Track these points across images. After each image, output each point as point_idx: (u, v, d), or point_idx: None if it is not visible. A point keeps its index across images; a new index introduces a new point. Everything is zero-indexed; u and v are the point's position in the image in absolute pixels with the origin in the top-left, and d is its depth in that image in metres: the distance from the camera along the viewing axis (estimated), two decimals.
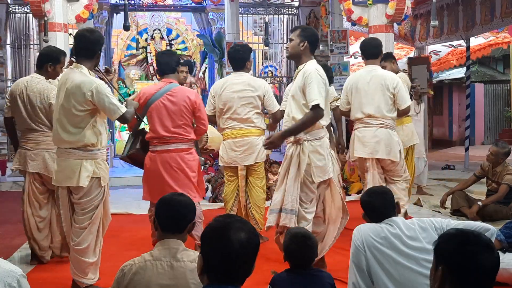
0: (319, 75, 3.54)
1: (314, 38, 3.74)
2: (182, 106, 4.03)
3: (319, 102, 3.48)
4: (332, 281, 2.62)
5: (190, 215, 2.27)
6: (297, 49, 3.70)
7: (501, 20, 8.10)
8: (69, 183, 3.46)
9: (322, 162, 3.65)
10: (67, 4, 6.29)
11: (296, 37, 3.69)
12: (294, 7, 11.51)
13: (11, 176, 9.37)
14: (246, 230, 1.66)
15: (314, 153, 3.64)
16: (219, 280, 1.63)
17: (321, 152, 3.65)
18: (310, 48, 3.71)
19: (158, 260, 2.17)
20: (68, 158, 3.47)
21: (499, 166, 5.54)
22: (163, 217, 2.25)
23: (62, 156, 3.51)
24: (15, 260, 4.48)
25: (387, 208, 2.74)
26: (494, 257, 1.53)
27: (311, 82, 3.51)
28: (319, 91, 3.50)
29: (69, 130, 3.43)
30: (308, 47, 3.69)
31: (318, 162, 3.63)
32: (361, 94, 4.57)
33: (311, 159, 3.63)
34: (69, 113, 3.42)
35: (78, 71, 3.45)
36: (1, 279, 1.76)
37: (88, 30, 3.63)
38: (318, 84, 3.51)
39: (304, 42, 3.68)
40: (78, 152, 3.45)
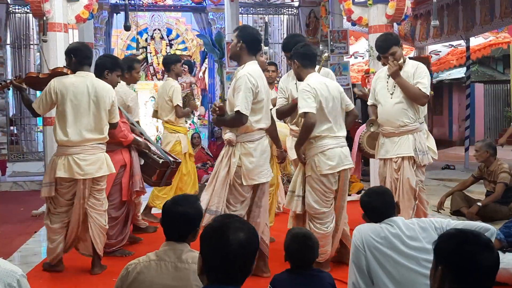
0: (248, 81, 3.54)
1: (250, 38, 3.72)
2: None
3: (239, 109, 3.51)
4: (332, 281, 2.62)
5: (189, 226, 2.26)
6: (234, 49, 3.75)
7: (501, 20, 8.10)
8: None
9: (254, 165, 3.62)
10: (67, 4, 6.28)
11: (234, 37, 3.74)
12: (294, 7, 11.50)
13: (11, 176, 9.37)
14: (245, 230, 1.66)
15: (246, 155, 3.63)
16: (218, 280, 1.63)
17: (254, 154, 3.63)
18: (248, 48, 3.70)
19: (163, 261, 2.17)
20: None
21: (492, 165, 5.54)
22: (166, 227, 2.28)
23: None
24: (15, 260, 4.48)
25: (387, 208, 2.74)
26: (494, 257, 1.54)
27: (239, 86, 3.55)
28: (245, 97, 3.52)
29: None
30: (245, 47, 3.69)
31: (249, 165, 3.61)
32: None
33: (242, 161, 3.62)
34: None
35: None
36: (1, 279, 1.76)
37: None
38: (244, 91, 3.52)
39: (240, 42, 3.68)
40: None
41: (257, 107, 3.64)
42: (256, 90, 3.59)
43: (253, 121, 3.64)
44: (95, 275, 3.98)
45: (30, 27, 10.36)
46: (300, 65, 3.88)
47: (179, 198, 2.40)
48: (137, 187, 4.46)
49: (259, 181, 3.68)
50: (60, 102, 3.86)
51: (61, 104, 3.87)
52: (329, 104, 3.80)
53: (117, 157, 4.35)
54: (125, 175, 4.45)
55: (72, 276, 4.01)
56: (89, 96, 3.88)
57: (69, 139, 3.84)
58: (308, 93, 3.70)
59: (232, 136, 3.63)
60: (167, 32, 12.64)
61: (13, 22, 10.27)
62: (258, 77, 3.65)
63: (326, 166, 3.75)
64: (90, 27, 9.15)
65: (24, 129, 10.42)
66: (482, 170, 5.70)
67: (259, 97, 3.63)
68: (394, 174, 4.17)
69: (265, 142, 3.76)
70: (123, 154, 4.44)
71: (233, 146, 3.65)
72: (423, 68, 4.21)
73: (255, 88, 3.57)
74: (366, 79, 7.21)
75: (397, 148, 4.15)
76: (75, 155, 3.84)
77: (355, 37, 11.50)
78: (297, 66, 3.90)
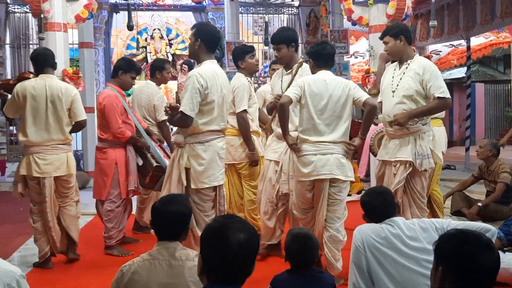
0: (196, 81, 3.42)
1: (208, 37, 3.61)
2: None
3: (183, 109, 3.39)
4: (332, 282, 2.62)
5: (182, 225, 2.29)
6: (193, 48, 3.64)
7: (502, 20, 8.09)
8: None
9: (203, 167, 3.48)
10: (66, 3, 6.27)
11: (192, 36, 3.65)
12: (294, 7, 11.50)
13: (10, 176, 9.36)
14: (245, 230, 1.66)
15: (195, 157, 3.49)
16: (218, 280, 1.62)
17: (203, 156, 3.48)
18: (206, 47, 3.59)
19: (157, 259, 2.20)
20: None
21: (493, 164, 5.54)
22: (157, 227, 2.30)
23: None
24: (14, 260, 4.48)
25: (387, 208, 2.74)
26: (494, 257, 1.53)
27: (186, 86, 3.45)
28: (190, 97, 3.39)
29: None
30: (203, 46, 3.58)
31: (198, 167, 3.46)
32: None
33: (191, 163, 3.48)
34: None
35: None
36: (1, 279, 1.75)
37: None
38: (191, 91, 3.41)
39: (198, 41, 3.57)
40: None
41: (206, 108, 3.48)
42: (205, 91, 3.44)
43: (200, 123, 3.48)
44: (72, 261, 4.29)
45: (29, 27, 10.37)
46: (314, 64, 3.81)
47: (169, 198, 2.43)
48: (132, 186, 4.54)
49: (210, 185, 3.51)
50: (22, 105, 4.09)
51: (22, 106, 4.09)
52: (321, 102, 3.61)
53: (109, 156, 4.52)
54: (120, 173, 4.53)
55: (71, 277, 4.01)
56: (47, 98, 4.07)
57: (28, 139, 4.08)
58: (296, 83, 3.70)
59: (179, 138, 3.53)
60: (167, 32, 12.65)
61: (12, 21, 10.28)
62: (210, 77, 3.48)
63: (299, 173, 3.63)
64: (90, 27, 9.14)
65: None
66: (483, 170, 5.70)
67: (209, 98, 3.46)
68: (393, 178, 3.91)
69: (218, 144, 3.58)
70: (115, 153, 4.54)
71: (182, 147, 3.52)
72: (431, 68, 3.85)
73: (203, 89, 3.42)
74: (366, 79, 7.20)
75: (397, 151, 3.89)
76: (35, 154, 4.08)
77: (355, 37, 11.50)
78: (312, 65, 3.83)
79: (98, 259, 4.44)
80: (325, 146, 3.60)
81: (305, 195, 3.66)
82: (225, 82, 3.65)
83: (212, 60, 3.60)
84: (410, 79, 3.82)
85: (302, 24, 11.22)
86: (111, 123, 4.46)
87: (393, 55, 3.96)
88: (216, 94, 3.50)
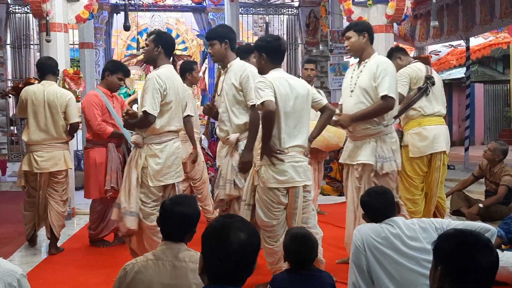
0: (156, 82, 3.58)
1: (168, 44, 3.80)
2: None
3: (146, 109, 3.55)
4: (332, 281, 2.62)
5: (188, 226, 2.27)
6: (151, 54, 3.77)
7: (501, 20, 8.10)
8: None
9: (160, 166, 3.64)
10: (67, 4, 6.27)
11: (151, 42, 3.75)
12: (294, 7, 11.51)
13: (11, 176, 9.38)
14: (246, 230, 1.66)
15: (152, 156, 3.64)
16: (219, 280, 1.63)
17: (160, 156, 3.64)
18: (165, 53, 3.76)
19: (160, 260, 2.19)
20: None
21: (497, 166, 5.54)
22: (164, 227, 2.29)
23: None
24: (15, 260, 4.48)
25: (387, 208, 2.74)
26: (493, 257, 1.54)
27: (146, 88, 3.61)
28: (152, 97, 3.55)
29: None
30: (162, 52, 3.74)
31: (155, 166, 3.63)
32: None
33: (148, 163, 3.63)
34: None
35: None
36: (2, 278, 1.76)
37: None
38: (152, 91, 3.56)
39: (158, 47, 3.73)
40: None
41: (165, 109, 3.63)
42: (164, 92, 3.59)
43: (159, 124, 3.63)
44: (52, 255, 4.53)
45: (30, 27, 10.37)
46: (268, 60, 3.47)
47: (178, 198, 2.41)
48: (108, 186, 4.64)
49: (166, 182, 3.67)
50: (25, 107, 4.58)
51: (25, 109, 4.57)
52: (289, 103, 3.35)
53: (90, 156, 4.74)
54: (99, 172, 4.67)
55: (72, 277, 4.01)
56: (45, 103, 4.51)
57: (30, 139, 4.55)
58: (264, 83, 3.31)
59: (138, 139, 3.69)
60: None
61: (13, 22, 10.28)
62: (168, 78, 3.64)
63: (272, 180, 3.34)
64: (90, 27, 9.15)
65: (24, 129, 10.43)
66: (484, 169, 5.70)
67: (167, 99, 3.63)
68: (357, 182, 3.77)
69: (174, 144, 3.73)
70: (95, 153, 4.70)
71: (141, 147, 3.68)
72: (384, 65, 3.71)
73: (162, 90, 3.59)
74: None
75: (359, 154, 3.74)
76: (35, 152, 4.53)
77: None
78: (264, 60, 3.49)
79: (99, 259, 4.45)
80: (295, 152, 3.39)
81: (279, 200, 3.37)
82: (181, 85, 3.83)
83: (168, 64, 3.78)
84: (367, 78, 3.73)
85: (302, 24, 11.22)
86: (90, 120, 4.67)
87: (354, 51, 3.89)
88: (174, 96, 3.68)
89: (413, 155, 4.35)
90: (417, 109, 4.36)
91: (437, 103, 4.40)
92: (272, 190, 3.35)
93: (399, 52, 4.68)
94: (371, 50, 3.86)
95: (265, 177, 3.35)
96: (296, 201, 3.38)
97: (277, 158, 3.32)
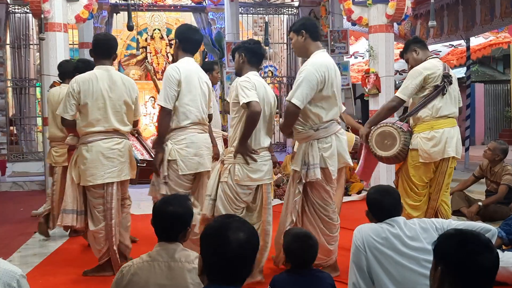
0: (70, 87, 3.82)
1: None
2: None
3: (59, 113, 3.88)
4: (332, 282, 2.62)
5: (181, 226, 2.28)
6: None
7: (501, 20, 8.10)
8: None
9: (85, 166, 3.79)
10: (66, 4, 6.28)
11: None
12: (294, 7, 11.51)
13: (11, 176, 9.38)
14: (245, 230, 1.66)
15: (80, 157, 3.86)
16: (219, 280, 1.62)
17: (86, 156, 3.79)
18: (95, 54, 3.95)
19: (156, 261, 2.19)
20: None
21: (497, 166, 5.54)
22: (157, 228, 2.30)
23: None
24: (15, 260, 4.48)
25: (395, 207, 2.70)
26: (494, 257, 1.53)
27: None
28: (65, 101, 3.82)
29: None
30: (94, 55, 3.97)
31: (82, 166, 3.82)
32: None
33: (78, 163, 3.88)
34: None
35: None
36: (1, 279, 1.76)
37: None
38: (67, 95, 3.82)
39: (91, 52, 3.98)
40: None
41: (83, 111, 3.82)
42: (77, 95, 3.80)
43: (81, 125, 3.82)
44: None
45: (29, 27, 10.38)
46: (247, 60, 3.67)
47: (170, 198, 2.41)
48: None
49: (94, 183, 3.79)
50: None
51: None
52: (263, 106, 3.57)
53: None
54: None
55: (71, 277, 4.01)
56: (54, 104, 4.86)
57: (49, 135, 5.16)
58: (250, 83, 3.48)
59: (74, 140, 3.98)
60: (167, 32, 12.65)
61: (12, 22, 10.28)
62: (84, 81, 3.79)
63: (246, 178, 3.53)
64: (90, 27, 9.17)
65: (23, 130, 10.44)
66: (485, 169, 5.70)
67: (82, 102, 3.80)
68: (291, 188, 3.73)
69: (104, 145, 3.81)
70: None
71: (76, 148, 3.93)
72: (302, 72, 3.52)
73: (75, 93, 3.79)
74: (366, 79, 7.21)
75: (294, 159, 3.71)
76: (53, 148, 5.08)
77: (355, 37, 11.49)
78: (242, 60, 3.68)
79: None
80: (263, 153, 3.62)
81: (244, 198, 3.59)
82: (113, 86, 3.84)
83: (109, 67, 3.92)
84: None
85: None
86: None
87: (297, 52, 3.82)
88: (91, 98, 3.77)
89: (424, 161, 3.98)
90: (430, 109, 3.98)
91: (452, 104, 4.04)
92: (242, 188, 3.53)
93: (416, 44, 4.25)
94: (314, 48, 3.66)
95: (239, 175, 3.51)
96: (269, 196, 3.68)
97: (251, 158, 3.51)
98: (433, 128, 3.96)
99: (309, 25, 3.69)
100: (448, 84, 4.02)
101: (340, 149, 3.65)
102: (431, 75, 3.99)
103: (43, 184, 7.91)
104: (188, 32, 3.91)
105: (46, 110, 5.76)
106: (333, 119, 3.63)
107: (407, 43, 4.31)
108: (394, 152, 4.03)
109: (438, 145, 3.94)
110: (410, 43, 4.27)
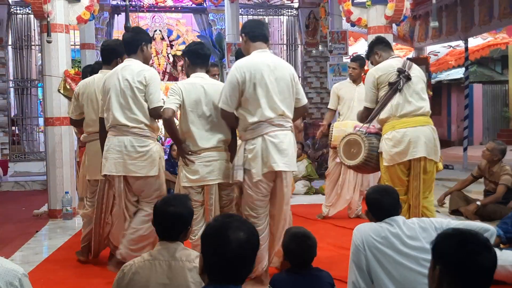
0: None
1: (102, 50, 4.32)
2: None
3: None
4: (332, 281, 2.64)
5: (182, 226, 2.30)
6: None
7: (500, 21, 8.12)
8: None
9: (88, 163, 4.25)
10: (68, 5, 6.30)
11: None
12: (294, 8, 11.53)
13: (12, 176, 9.41)
14: (245, 229, 1.67)
15: (85, 154, 4.39)
16: (219, 279, 1.64)
17: (88, 154, 4.27)
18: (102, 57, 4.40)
19: (157, 260, 2.21)
20: None
21: (496, 166, 5.57)
22: (158, 227, 2.32)
23: None
24: (16, 259, 4.50)
25: (395, 207, 2.72)
26: (492, 256, 1.54)
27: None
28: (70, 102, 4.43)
29: None
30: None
31: (86, 162, 4.31)
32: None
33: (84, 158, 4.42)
34: None
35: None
36: (3, 278, 1.77)
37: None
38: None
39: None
40: None
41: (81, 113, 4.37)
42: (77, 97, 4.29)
43: (83, 125, 4.31)
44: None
45: (31, 28, 10.39)
46: (190, 63, 3.71)
47: (170, 198, 2.43)
48: None
49: (92, 178, 4.21)
50: None
51: None
52: (201, 107, 3.54)
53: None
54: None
55: (72, 277, 4.03)
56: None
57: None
58: (173, 90, 3.55)
59: (85, 138, 4.33)
60: (167, 33, 12.65)
61: (14, 23, 10.30)
62: (84, 86, 4.27)
63: (185, 179, 3.58)
64: (91, 28, 9.17)
65: (25, 130, 10.45)
66: (483, 169, 5.73)
67: (80, 104, 4.28)
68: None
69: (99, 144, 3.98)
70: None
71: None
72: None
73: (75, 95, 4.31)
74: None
75: None
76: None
77: (354, 38, 11.53)
78: (187, 64, 3.74)
79: (99, 259, 4.47)
80: (204, 154, 3.54)
81: (193, 197, 3.53)
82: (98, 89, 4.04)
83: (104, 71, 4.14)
84: None
85: (302, 25, 11.25)
86: None
87: (245, 55, 3.68)
88: (86, 101, 4.20)
89: (387, 164, 3.76)
90: (390, 108, 3.77)
91: (414, 99, 3.77)
92: (186, 189, 3.57)
93: (379, 46, 4.06)
94: (253, 49, 3.59)
95: (180, 176, 3.62)
96: (211, 198, 3.55)
97: (188, 160, 3.55)
98: (394, 128, 3.74)
99: (247, 26, 3.66)
100: (404, 80, 3.76)
101: (265, 152, 3.40)
102: (382, 75, 3.84)
103: (44, 184, 7.93)
104: (195, 46, 3.79)
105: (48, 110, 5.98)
106: (262, 121, 3.42)
107: (370, 45, 4.16)
108: (361, 160, 3.88)
109: (399, 146, 3.70)
110: (373, 46, 4.10)
